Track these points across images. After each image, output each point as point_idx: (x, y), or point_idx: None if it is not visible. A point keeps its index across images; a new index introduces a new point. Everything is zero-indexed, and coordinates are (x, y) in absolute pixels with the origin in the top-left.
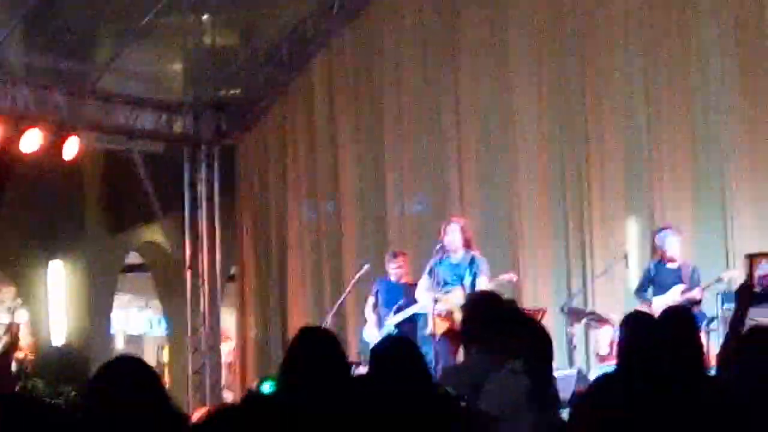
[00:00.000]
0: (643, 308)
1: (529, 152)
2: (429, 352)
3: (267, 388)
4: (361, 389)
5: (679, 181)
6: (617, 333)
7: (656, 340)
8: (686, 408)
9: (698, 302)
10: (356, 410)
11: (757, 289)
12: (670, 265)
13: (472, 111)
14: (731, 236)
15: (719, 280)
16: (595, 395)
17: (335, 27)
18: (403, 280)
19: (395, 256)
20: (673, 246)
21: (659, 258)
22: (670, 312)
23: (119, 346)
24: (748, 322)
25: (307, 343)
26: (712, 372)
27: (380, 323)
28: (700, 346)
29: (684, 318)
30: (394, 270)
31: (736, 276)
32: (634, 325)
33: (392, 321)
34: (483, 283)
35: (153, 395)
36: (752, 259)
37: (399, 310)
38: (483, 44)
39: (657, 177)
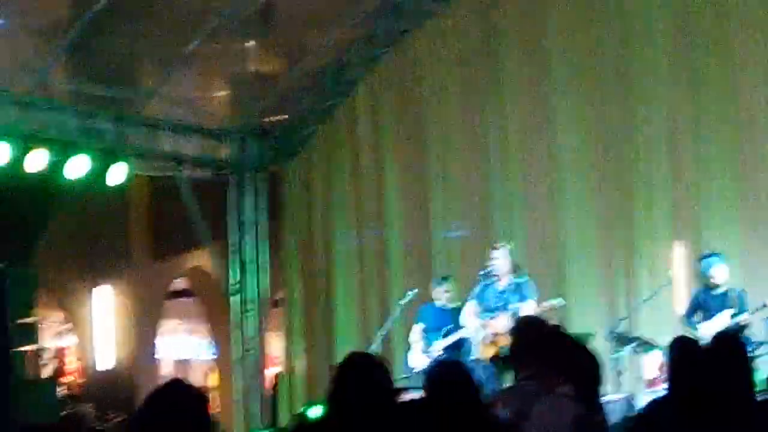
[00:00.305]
0: (688, 334)
1: (575, 176)
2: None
3: (314, 412)
4: (413, 414)
5: (726, 205)
6: (665, 358)
7: (705, 365)
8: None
9: (746, 327)
10: None
11: None
12: (716, 291)
13: (516, 135)
14: None
15: (765, 306)
16: (648, 421)
17: (379, 53)
18: (450, 305)
19: (444, 280)
20: (720, 272)
21: (706, 284)
22: (721, 337)
23: (166, 370)
24: None
25: (354, 367)
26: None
27: (426, 349)
28: (750, 370)
29: (735, 343)
30: (444, 294)
31: None
32: (681, 350)
33: (439, 346)
34: (530, 309)
35: (201, 421)
36: None
37: (447, 335)
38: (526, 69)
39: (704, 201)
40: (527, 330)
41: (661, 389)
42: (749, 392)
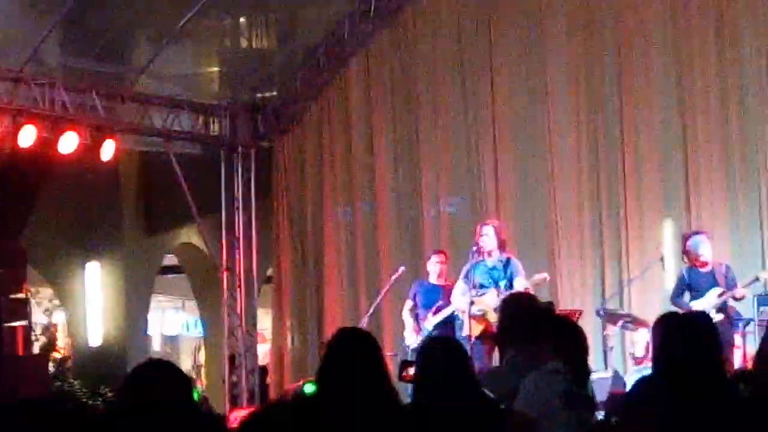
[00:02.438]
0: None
1: (565, 153)
2: None
3: (311, 389)
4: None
5: (715, 182)
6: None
7: (681, 343)
8: (715, 411)
9: (740, 299)
10: (397, 412)
11: None
12: (703, 269)
13: (508, 113)
14: (767, 237)
15: (756, 279)
16: (636, 399)
17: (372, 29)
18: (440, 280)
19: (438, 253)
20: (706, 250)
21: (692, 263)
22: (690, 315)
23: (156, 347)
24: None
25: (345, 343)
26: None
27: (418, 326)
28: (719, 346)
29: (702, 319)
30: (436, 266)
31: None
32: (663, 327)
33: (430, 323)
34: (520, 285)
35: (183, 398)
36: None
37: (437, 311)
38: (519, 45)
39: (693, 178)
40: (515, 306)
41: (649, 367)
42: (719, 367)
